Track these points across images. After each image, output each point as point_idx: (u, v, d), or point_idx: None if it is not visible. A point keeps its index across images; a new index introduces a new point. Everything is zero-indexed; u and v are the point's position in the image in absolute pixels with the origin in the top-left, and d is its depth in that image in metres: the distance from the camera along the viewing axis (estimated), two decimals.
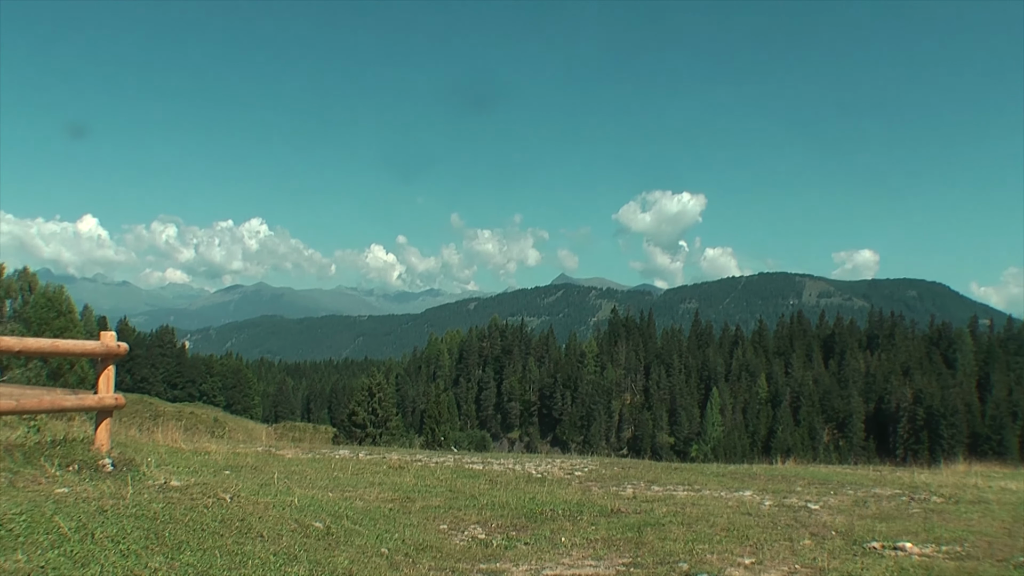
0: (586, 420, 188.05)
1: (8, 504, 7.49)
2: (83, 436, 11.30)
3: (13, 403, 9.72)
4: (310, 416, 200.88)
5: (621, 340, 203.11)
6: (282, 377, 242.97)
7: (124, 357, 10.76)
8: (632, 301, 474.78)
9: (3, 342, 9.52)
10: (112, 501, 8.02)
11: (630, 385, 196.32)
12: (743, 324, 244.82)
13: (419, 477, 14.66)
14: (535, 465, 18.17)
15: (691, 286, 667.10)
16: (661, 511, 11.44)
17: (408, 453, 22.11)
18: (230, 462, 15.16)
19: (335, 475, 14.42)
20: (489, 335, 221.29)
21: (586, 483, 15.07)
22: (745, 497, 13.40)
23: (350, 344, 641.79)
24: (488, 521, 10.70)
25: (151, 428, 21.75)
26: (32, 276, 77.36)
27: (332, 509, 9.75)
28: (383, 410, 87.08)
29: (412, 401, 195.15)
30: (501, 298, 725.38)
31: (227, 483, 10.67)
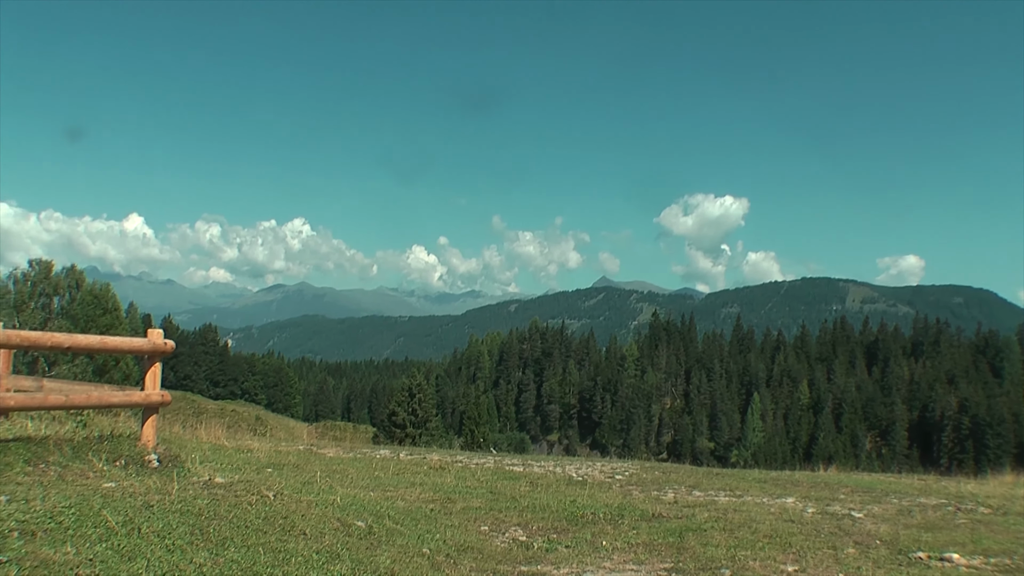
0: (626, 424, 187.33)
1: (58, 497, 7.61)
2: (129, 432, 11.44)
3: (63, 398, 9.86)
4: (350, 416, 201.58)
5: (662, 344, 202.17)
6: (323, 376, 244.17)
7: (169, 355, 10.88)
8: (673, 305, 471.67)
9: (54, 338, 9.66)
10: (158, 497, 8.12)
11: (670, 389, 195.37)
12: (785, 329, 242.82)
13: (460, 478, 14.68)
14: (575, 468, 18.13)
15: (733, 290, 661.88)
16: (703, 516, 11.37)
17: (448, 454, 22.14)
18: (272, 460, 15.27)
19: (376, 475, 14.48)
20: (529, 337, 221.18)
21: (627, 487, 15.01)
22: (787, 504, 13.29)
23: (391, 344, 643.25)
24: (529, 523, 10.70)
25: (194, 425, 21.99)
26: (79, 273, 78.12)
27: (374, 508, 9.80)
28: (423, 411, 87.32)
29: (452, 402, 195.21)
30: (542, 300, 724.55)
31: (270, 481, 10.75)
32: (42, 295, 73.14)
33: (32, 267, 73.98)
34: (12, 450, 9.24)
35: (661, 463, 24.37)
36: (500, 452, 29.20)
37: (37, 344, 9.76)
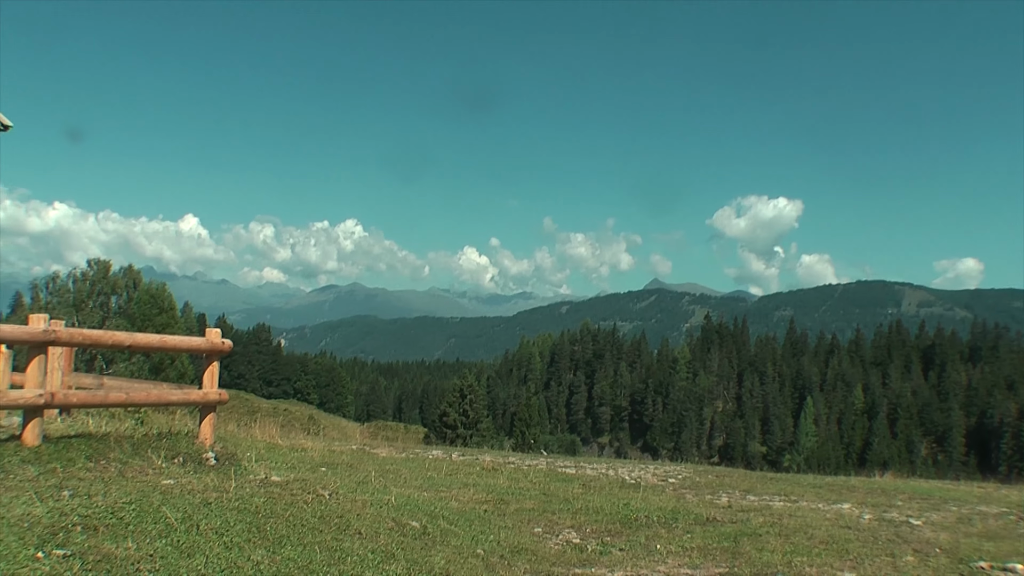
0: (677, 427, 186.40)
1: (118, 493, 7.72)
2: (187, 430, 11.58)
3: (123, 396, 10.02)
4: (401, 416, 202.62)
5: (714, 347, 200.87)
6: (375, 377, 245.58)
7: (227, 354, 11.01)
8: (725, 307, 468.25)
9: (115, 337, 9.82)
10: (216, 494, 8.21)
11: (722, 392, 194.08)
12: (839, 333, 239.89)
13: (512, 479, 14.68)
14: (628, 471, 18.07)
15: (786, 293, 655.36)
16: (757, 521, 11.26)
17: (500, 455, 22.15)
18: (326, 459, 15.36)
19: (429, 475, 14.52)
20: (581, 339, 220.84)
21: (680, 490, 14.92)
22: (843, 510, 13.12)
23: (442, 345, 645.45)
24: (582, 526, 10.66)
25: (248, 424, 22.20)
26: (136, 273, 79.22)
27: (428, 509, 9.83)
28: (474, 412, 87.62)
29: (503, 403, 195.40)
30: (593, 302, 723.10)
31: (325, 480, 10.83)
32: (100, 294, 74.26)
33: (91, 267, 75.16)
34: (74, 446, 9.40)
35: (714, 467, 24.18)
36: (551, 454, 29.17)
37: (99, 342, 9.94)
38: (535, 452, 29.12)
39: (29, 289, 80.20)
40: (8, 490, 7.69)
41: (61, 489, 7.87)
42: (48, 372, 9.34)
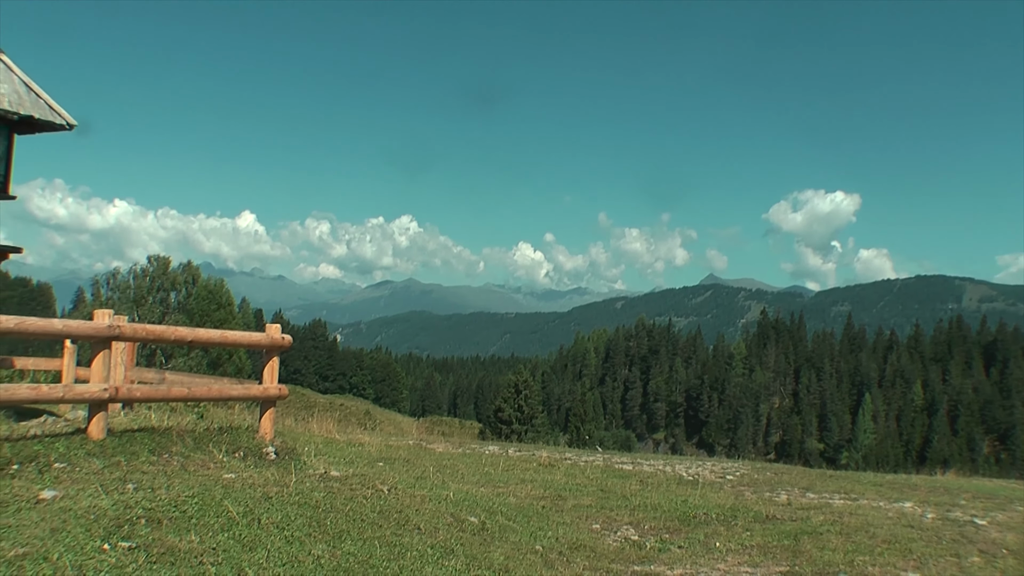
0: (733, 423, 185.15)
1: (181, 487, 7.81)
2: (246, 424, 11.69)
3: (185, 391, 10.15)
4: (456, 411, 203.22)
5: (770, 342, 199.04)
6: (430, 372, 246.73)
7: (287, 349, 11.09)
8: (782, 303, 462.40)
9: (177, 332, 9.93)
10: (276, 488, 8.27)
11: (779, 389, 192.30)
12: (898, 328, 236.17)
13: (569, 475, 14.64)
14: (685, 467, 17.93)
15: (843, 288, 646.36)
16: (818, 519, 11.08)
17: (557, 451, 22.11)
18: (383, 454, 15.44)
19: (486, 470, 14.53)
20: (636, 335, 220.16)
21: (738, 487, 14.78)
22: (905, 508, 12.90)
23: (497, 341, 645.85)
24: (641, 522, 10.59)
25: (306, 419, 22.40)
26: (195, 269, 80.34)
27: (486, 505, 9.83)
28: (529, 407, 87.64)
29: (558, 399, 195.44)
30: (648, 297, 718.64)
31: (383, 475, 10.87)
32: (160, 290, 75.39)
33: (151, 263, 76.30)
34: (138, 440, 9.53)
35: (772, 464, 23.94)
36: (606, 450, 29.08)
37: (162, 337, 10.06)
38: (590, 448, 29.06)
39: (90, 285, 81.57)
40: (75, 482, 7.82)
41: (125, 482, 7.99)
42: (112, 367, 9.47)
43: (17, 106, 9.96)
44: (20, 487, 7.48)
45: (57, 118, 10.54)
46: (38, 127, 10.66)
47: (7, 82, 10.10)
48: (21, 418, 10.21)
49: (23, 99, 10.12)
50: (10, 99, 9.91)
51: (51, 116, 10.47)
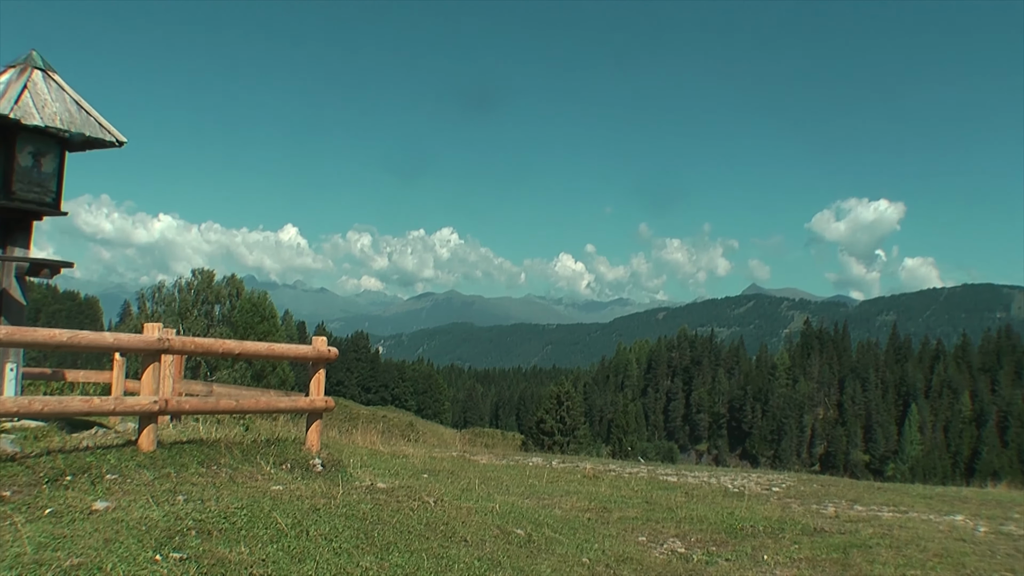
0: (777, 434, 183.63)
1: (230, 498, 7.89)
2: (293, 436, 11.77)
3: (233, 403, 10.25)
4: (498, 422, 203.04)
5: (814, 352, 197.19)
6: (472, 383, 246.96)
7: (333, 361, 11.16)
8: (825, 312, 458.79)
9: (225, 345, 10.04)
10: (324, 500, 8.32)
11: (823, 399, 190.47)
12: (945, 338, 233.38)
13: (614, 487, 14.61)
14: (730, 479, 17.84)
15: (888, 297, 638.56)
16: (867, 532, 10.97)
17: (600, 463, 22.07)
18: (427, 466, 15.49)
19: (530, 482, 14.54)
20: (678, 345, 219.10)
21: (785, 499, 14.68)
22: (957, 522, 12.74)
23: (538, 352, 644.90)
24: (687, 535, 10.53)
25: (349, 430, 22.54)
26: (239, 282, 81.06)
27: (532, 516, 9.81)
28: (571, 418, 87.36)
29: (600, 410, 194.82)
30: (690, 308, 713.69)
31: (429, 487, 10.89)
32: (204, 303, 76.17)
33: (195, 276, 77.13)
34: (187, 451, 9.63)
35: (817, 476, 23.74)
36: (649, 461, 29.00)
37: (210, 350, 10.17)
38: (632, 459, 28.98)
39: (136, 299, 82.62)
40: (126, 494, 7.93)
41: (175, 493, 8.09)
42: (161, 379, 9.59)
43: (68, 124, 10.12)
44: (74, 498, 7.60)
45: (107, 135, 10.69)
46: (89, 144, 10.82)
47: (59, 101, 10.26)
48: (73, 430, 10.35)
49: (74, 117, 10.29)
50: (62, 117, 10.07)
51: (101, 133, 10.62)
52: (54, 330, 8.39)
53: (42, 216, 10.70)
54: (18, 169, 10.12)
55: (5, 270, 10.23)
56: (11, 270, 10.25)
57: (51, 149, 10.48)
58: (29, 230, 10.61)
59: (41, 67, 10.51)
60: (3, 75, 10.30)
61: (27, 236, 10.58)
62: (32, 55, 10.54)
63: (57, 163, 10.59)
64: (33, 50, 10.60)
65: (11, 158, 10.07)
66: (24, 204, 10.22)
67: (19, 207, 10.22)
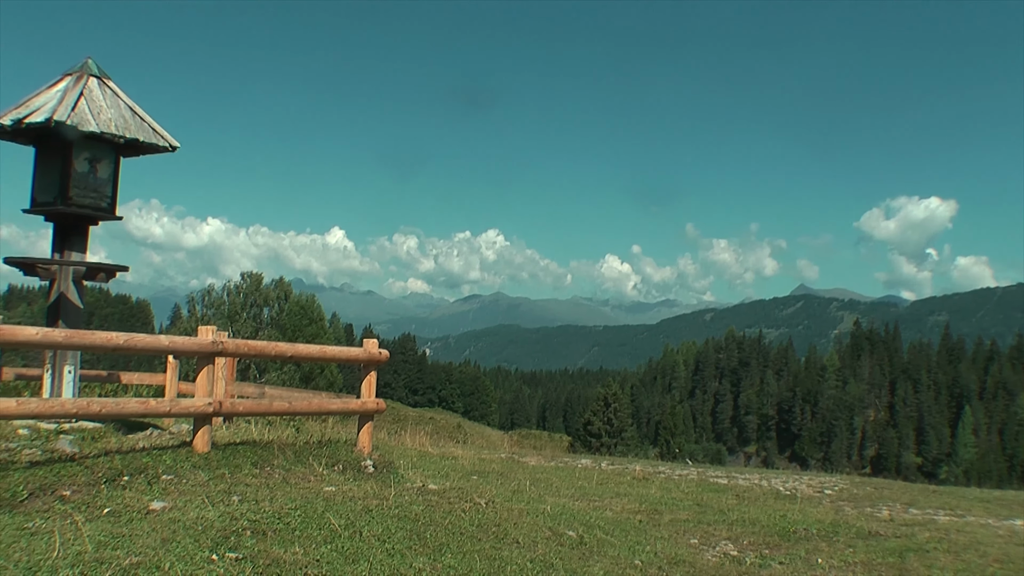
0: (826, 436, 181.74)
1: (284, 499, 7.98)
2: (344, 438, 11.85)
3: (286, 405, 10.35)
4: (545, 424, 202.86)
5: (864, 354, 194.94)
6: (518, 385, 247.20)
7: (384, 364, 11.23)
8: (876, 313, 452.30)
9: (278, 348, 10.14)
10: (376, 501, 8.39)
11: (874, 401, 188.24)
12: (999, 338, 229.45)
13: (664, 489, 14.53)
14: (782, 481, 17.68)
15: (940, 297, 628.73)
16: (923, 536, 10.82)
17: (650, 464, 21.98)
18: (476, 467, 15.52)
19: (580, 484, 14.50)
20: (726, 346, 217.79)
21: (837, 502, 14.51)
22: (1016, 526, 12.51)
23: (585, 354, 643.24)
24: (739, 537, 10.44)
25: (398, 432, 22.64)
26: (287, 285, 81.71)
27: (583, 518, 9.79)
28: (618, 420, 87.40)
29: (647, 412, 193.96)
30: (738, 309, 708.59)
31: (480, 488, 10.92)
32: (253, 306, 76.78)
33: (244, 279, 77.81)
34: (240, 453, 9.74)
35: (870, 478, 23.47)
36: (697, 463, 28.84)
37: (263, 353, 10.29)
38: (680, 461, 28.85)
39: (186, 302, 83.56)
40: (182, 494, 8.05)
41: (230, 494, 8.19)
42: (215, 381, 9.70)
43: (123, 130, 10.26)
44: (131, 498, 7.73)
45: (160, 140, 10.83)
46: (142, 149, 10.97)
47: (114, 107, 10.41)
48: (129, 431, 10.50)
49: (128, 123, 10.43)
50: (116, 123, 10.21)
51: (155, 139, 10.76)
52: (111, 333, 8.52)
53: (98, 221, 10.86)
54: (74, 175, 10.28)
55: (63, 274, 10.39)
56: (68, 274, 10.42)
57: (106, 155, 10.64)
58: (85, 235, 10.78)
59: (96, 74, 10.68)
60: (60, 83, 10.48)
61: (83, 241, 10.75)
62: (88, 63, 10.71)
63: (112, 168, 10.75)
64: (89, 58, 10.77)
65: (68, 164, 10.24)
66: (80, 209, 10.39)
67: (76, 212, 10.39)
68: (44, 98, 10.22)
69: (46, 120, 9.67)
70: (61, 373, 10.28)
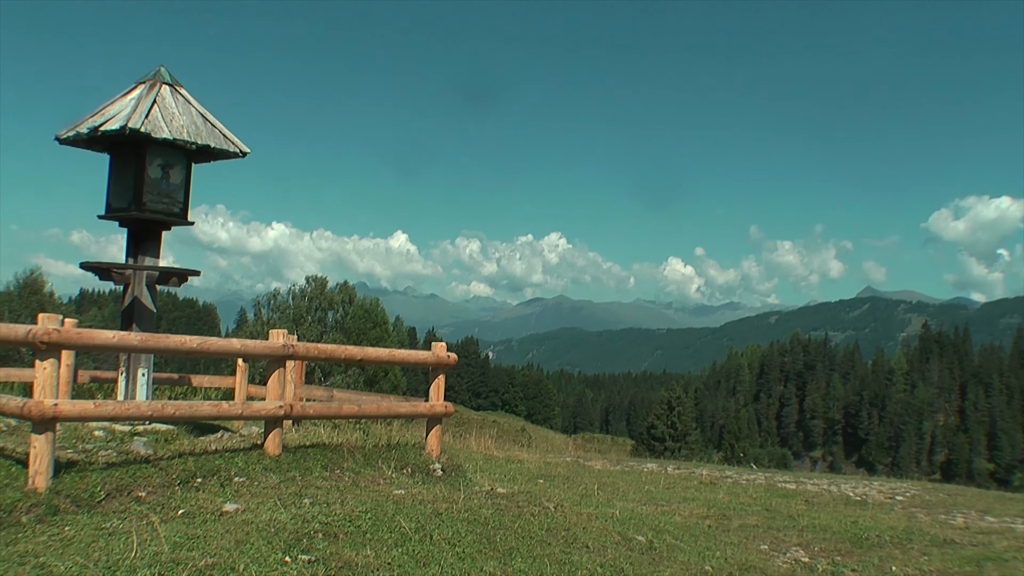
0: (894, 441, 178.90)
1: (354, 502, 8.03)
2: (413, 441, 11.90)
3: (355, 408, 10.42)
4: (608, 428, 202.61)
5: (933, 357, 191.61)
6: (581, 389, 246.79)
7: (452, 367, 11.26)
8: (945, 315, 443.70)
9: (348, 351, 10.22)
10: (446, 505, 8.40)
11: (943, 405, 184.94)
12: None
13: (732, 494, 14.39)
14: (851, 487, 17.44)
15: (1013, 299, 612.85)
16: (1001, 545, 10.56)
17: (717, 469, 21.81)
18: (542, 471, 15.49)
19: (647, 488, 14.41)
20: (791, 349, 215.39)
21: (910, 509, 14.27)
22: None
23: (648, 357, 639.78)
24: (810, 544, 10.28)
25: (462, 435, 22.69)
26: (351, 289, 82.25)
27: (652, 523, 9.72)
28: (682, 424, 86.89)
29: (711, 416, 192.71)
30: (803, 311, 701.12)
31: (547, 492, 10.90)
32: (318, 310, 77.43)
33: (309, 283, 78.53)
34: (310, 456, 9.82)
35: (943, 484, 23.09)
36: (762, 468, 28.54)
37: (333, 356, 10.38)
38: (745, 466, 28.58)
39: (252, 306, 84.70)
40: (254, 496, 8.14)
41: (301, 497, 8.26)
42: (285, 384, 9.80)
43: (195, 136, 10.44)
44: (204, 500, 7.84)
45: (231, 146, 10.99)
46: (213, 155, 11.15)
47: (186, 114, 10.59)
48: (200, 433, 10.66)
49: (200, 129, 10.60)
50: (188, 130, 10.38)
51: (225, 144, 10.92)
52: (185, 337, 8.65)
53: (170, 226, 11.07)
54: (148, 181, 10.49)
55: (137, 279, 10.59)
56: (142, 279, 10.61)
57: (178, 161, 10.84)
58: (158, 240, 10.98)
59: (169, 82, 10.87)
60: (134, 91, 10.69)
61: (157, 246, 10.95)
62: (160, 71, 10.91)
63: (184, 174, 10.95)
64: (161, 66, 10.97)
65: (141, 170, 10.45)
66: (154, 215, 10.59)
67: (149, 218, 10.60)
68: (119, 106, 10.44)
69: (121, 128, 9.87)
70: (135, 376, 10.47)
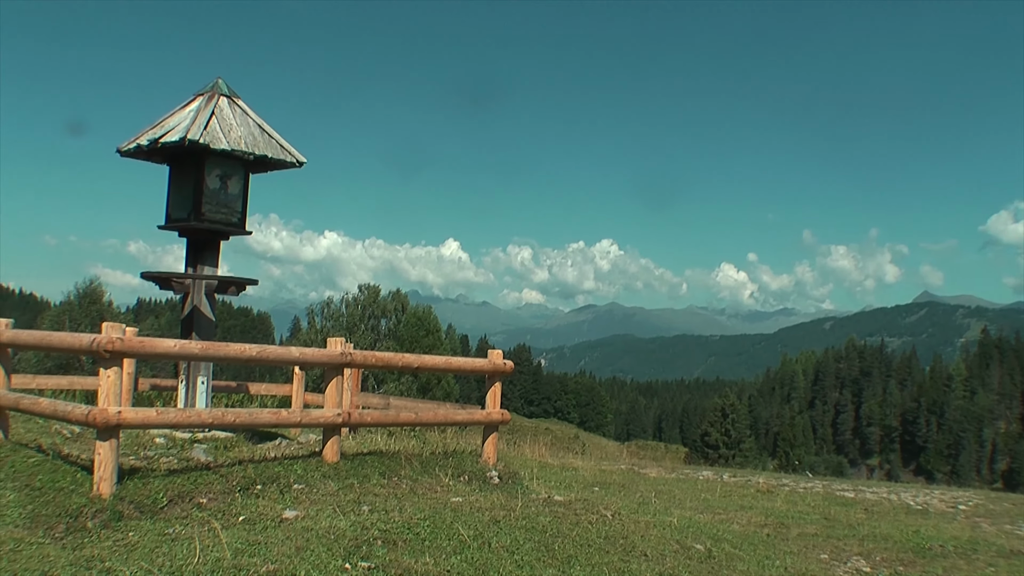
0: (954, 449, 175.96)
1: (412, 510, 8.06)
2: (467, 448, 11.93)
3: (412, 415, 10.47)
4: (661, 435, 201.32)
5: (994, 363, 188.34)
6: (634, 396, 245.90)
7: (509, 375, 11.27)
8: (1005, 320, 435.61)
9: (405, 359, 10.28)
10: (503, 512, 8.40)
11: (1004, 412, 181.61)
12: None
13: (790, 502, 14.22)
14: (912, 495, 17.14)
15: None
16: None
17: (773, 477, 21.58)
18: (597, 479, 15.42)
19: (703, 496, 14.29)
20: (846, 356, 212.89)
21: (973, 518, 14.00)
22: None
23: (701, 364, 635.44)
24: (871, 553, 10.13)
25: (516, 443, 22.67)
26: (403, 297, 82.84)
27: (710, 531, 9.64)
28: (736, 431, 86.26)
29: (765, 423, 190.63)
30: (858, 317, 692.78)
31: (605, 500, 10.87)
32: (371, 317, 78.00)
33: (361, 291, 79.16)
34: (368, 463, 9.89)
35: (1007, 494, 22.64)
36: (818, 475, 28.23)
37: (390, 364, 10.44)
38: (801, 473, 28.28)
39: (305, 314, 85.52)
40: (313, 503, 8.21)
41: (360, 504, 8.32)
42: (343, 392, 9.87)
43: (252, 147, 10.56)
44: (264, 506, 7.92)
45: (288, 156, 11.11)
46: (271, 166, 11.29)
47: (243, 126, 10.72)
48: (259, 441, 10.77)
49: (257, 140, 10.73)
50: (246, 140, 10.51)
51: (282, 155, 11.04)
52: (244, 345, 8.77)
53: (229, 236, 11.22)
54: (207, 191, 10.64)
55: (196, 288, 10.73)
56: (202, 288, 10.76)
57: (236, 171, 10.98)
58: (217, 250, 11.13)
59: (227, 94, 11.02)
60: (193, 103, 10.85)
61: (215, 255, 11.10)
62: (218, 83, 11.06)
63: (242, 184, 11.09)
64: (219, 78, 11.13)
65: (200, 181, 10.60)
66: (212, 225, 10.74)
67: (208, 228, 10.75)
68: (178, 118, 10.60)
69: (180, 139, 10.03)
70: (195, 384, 10.61)
